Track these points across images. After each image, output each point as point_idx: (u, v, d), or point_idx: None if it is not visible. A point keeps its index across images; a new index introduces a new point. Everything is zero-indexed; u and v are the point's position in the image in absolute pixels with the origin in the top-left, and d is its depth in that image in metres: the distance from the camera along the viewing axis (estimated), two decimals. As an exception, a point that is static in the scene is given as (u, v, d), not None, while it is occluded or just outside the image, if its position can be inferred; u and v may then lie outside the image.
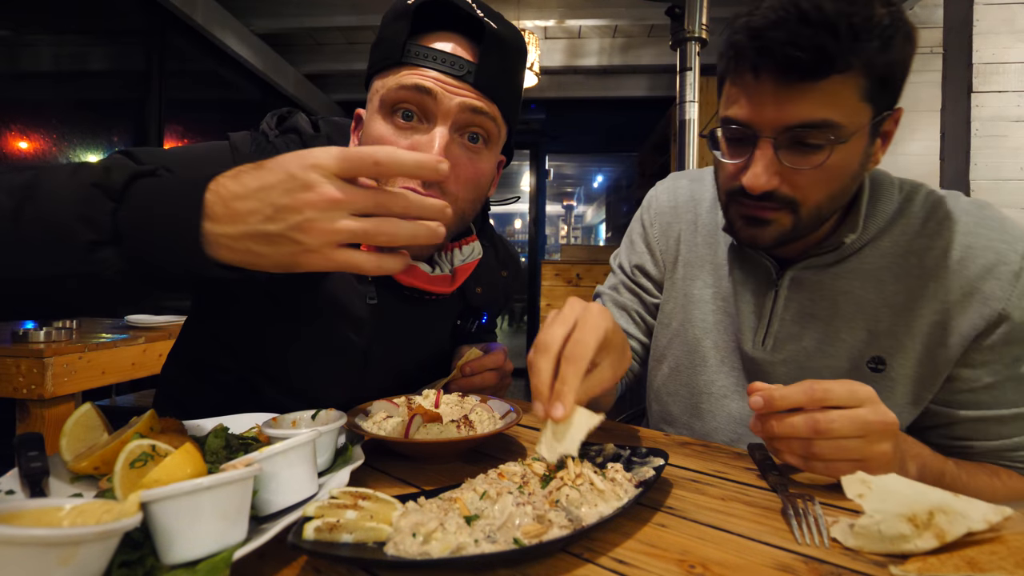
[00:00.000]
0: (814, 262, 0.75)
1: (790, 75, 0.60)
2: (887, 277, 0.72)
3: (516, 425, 0.71)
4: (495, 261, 0.91)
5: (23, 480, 0.47)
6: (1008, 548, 0.38)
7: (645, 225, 0.96)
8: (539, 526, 0.41)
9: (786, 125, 0.62)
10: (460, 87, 0.66)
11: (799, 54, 0.58)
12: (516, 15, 3.70)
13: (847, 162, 0.64)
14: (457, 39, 0.68)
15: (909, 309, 0.70)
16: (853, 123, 0.62)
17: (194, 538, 0.36)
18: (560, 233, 12.64)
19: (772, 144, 0.64)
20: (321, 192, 0.44)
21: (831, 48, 0.58)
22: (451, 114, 0.66)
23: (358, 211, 0.45)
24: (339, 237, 0.44)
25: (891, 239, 0.72)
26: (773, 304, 0.78)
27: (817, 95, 0.60)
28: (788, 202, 0.66)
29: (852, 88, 0.60)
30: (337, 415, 0.58)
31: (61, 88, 2.82)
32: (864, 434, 0.52)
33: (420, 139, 0.66)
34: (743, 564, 0.40)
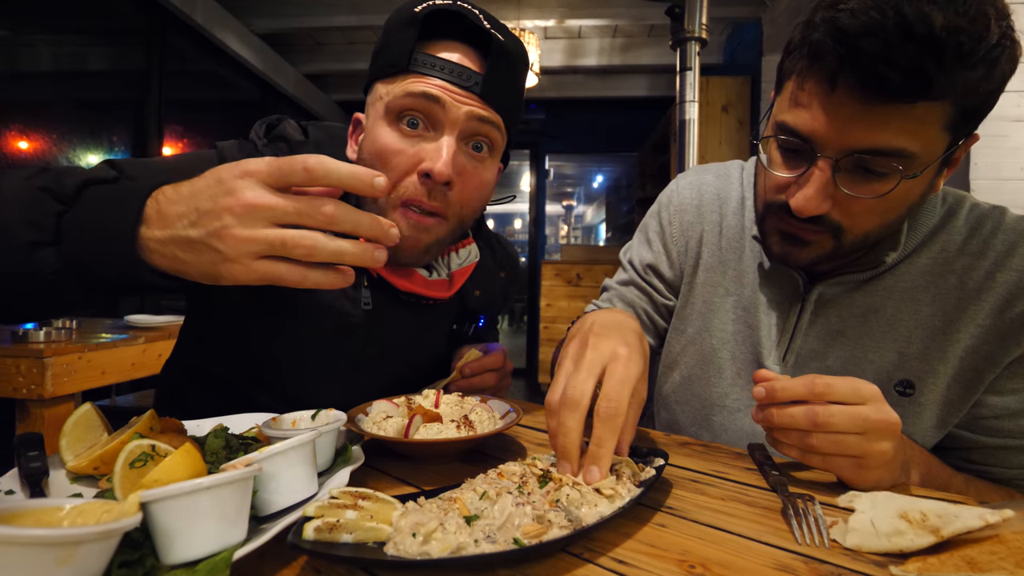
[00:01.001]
0: (847, 279, 0.70)
1: (874, 94, 0.52)
2: (923, 297, 0.67)
3: (516, 425, 0.71)
4: (492, 263, 0.90)
5: (23, 480, 0.47)
6: (1008, 548, 0.38)
7: (663, 223, 0.90)
8: (539, 526, 0.41)
9: (854, 148, 0.55)
10: (467, 97, 0.66)
11: (893, 74, 0.50)
12: (516, 15, 3.70)
13: (911, 194, 0.59)
14: (464, 49, 0.68)
15: (944, 333, 0.66)
16: (928, 153, 0.55)
17: (194, 538, 0.36)
18: (560, 233, 12.64)
19: (832, 166, 0.57)
20: (240, 197, 0.42)
21: (931, 72, 0.49)
22: (458, 123, 0.66)
23: (278, 219, 0.43)
24: (255, 247, 0.42)
25: (930, 256, 0.67)
26: (798, 319, 0.74)
27: (898, 121, 0.53)
28: (834, 227, 0.61)
29: (937, 115, 0.53)
30: (337, 415, 0.58)
31: (61, 88, 2.82)
32: (864, 431, 0.51)
33: (427, 147, 0.66)
34: (743, 564, 0.40)
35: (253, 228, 0.42)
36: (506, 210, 13.50)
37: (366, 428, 0.63)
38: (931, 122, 0.53)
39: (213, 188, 0.43)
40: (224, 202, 0.42)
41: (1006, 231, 0.65)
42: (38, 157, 2.63)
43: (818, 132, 0.57)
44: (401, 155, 0.66)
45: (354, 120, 0.76)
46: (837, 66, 0.53)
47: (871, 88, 0.52)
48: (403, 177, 0.67)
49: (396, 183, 0.67)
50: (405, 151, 0.66)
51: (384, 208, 0.68)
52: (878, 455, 0.52)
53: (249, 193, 0.42)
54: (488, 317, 0.97)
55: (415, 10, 0.66)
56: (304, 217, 0.43)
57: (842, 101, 0.55)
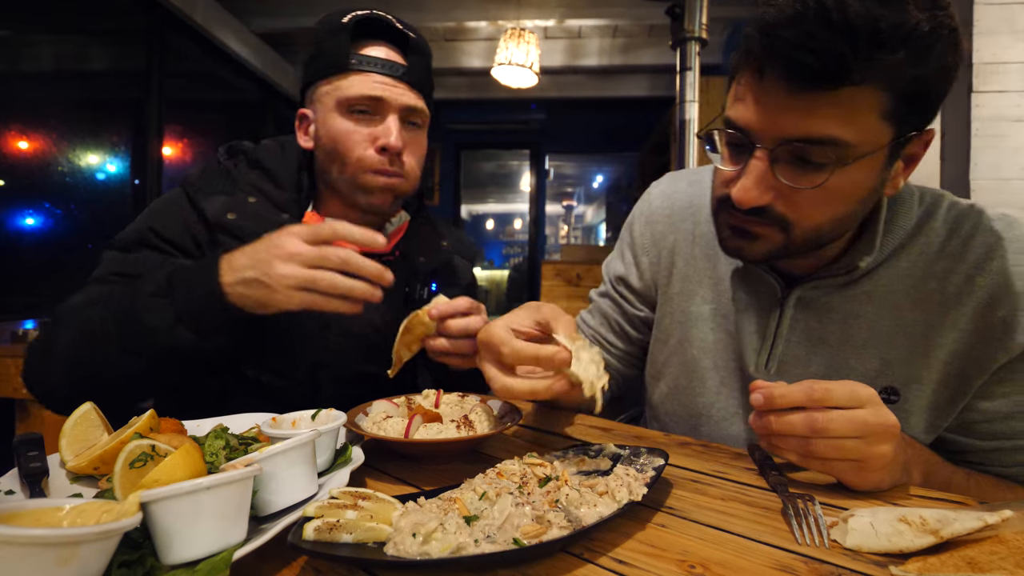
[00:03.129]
0: (824, 283, 0.69)
1: (797, 81, 0.53)
2: (904, 302, 0.66)
3: (516, 425, 0.71)
4: (434, 234, 1.01)
5: (23, 480, 0.47)
6: (1008, 548, 0.38)
7: (635, 235, 0.90)
8: (539, 526, 0.41)
9: (786, 137, 0.56)
10: (399, 85, 0.85)
11: (809, 59, 0.51)
12: (516, 15, 3.70)
13: (855, 186, 0.58)
14: (388, 47, 0.87)
15: (927, 338, 0.65)
16: (866, 143, 0.55)
17: (194, 538, 0.36)
18: (560, 233, 12.63)
19: (768, 156, 0.58)
20: (283, 247, 0.63)
21: (847, 56, 0.50)
22: (396, 109, 0.85)
23: (309, 263, 0.63)
24: (292, 281, 0.62)
25: (909, 259, 0.66)
26: (778, 324, 0.73)
27: (826, 108, 0.54)
28: (780, 220, 0.61)
29: (870, 103, 0.53)
30: (337, 415, 0.58)
31: (61, 88, 2.83)
32: (863, 435, 0.51)
33: (377, 128, 0.84)
34: (743, 564, 0.40)
35: (290, 268, 0.62)
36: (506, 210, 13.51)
37: (366, 428, 0.63)
38: (864, 110, 0.54)
39: (267, 244, 0.64)
40: (273, 251, 0.63)
41: (984, 232, 0.64)
42: (38, 157, 2.63)
43: (752, 122, 0.58)
44: (357, 135, 0.84)
45: (300, 115, 0.90)
46: (763, 56, 0.55)
47: (794, 75, 0.53)
48: (362, 151, 0.84)
49: (358, 157, 0.84)
50: (360, 132, 0.84)
51: (356, 175, 0.85)
52: (878, 458, 0.52)
53: (288, 244, 0.63)
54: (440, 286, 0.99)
55: (343, 20, 0.83)
56: (327, 261, 0.63)
57: (771, 90, 0.56)
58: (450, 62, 4.43)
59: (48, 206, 2.71)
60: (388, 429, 0.62)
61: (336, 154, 0.85)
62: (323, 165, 0.88)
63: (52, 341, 0.72)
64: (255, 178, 0.87)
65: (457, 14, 3.80)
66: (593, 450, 0.60)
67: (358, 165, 0.84)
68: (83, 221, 2.86)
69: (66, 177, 2.78)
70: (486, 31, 4.25)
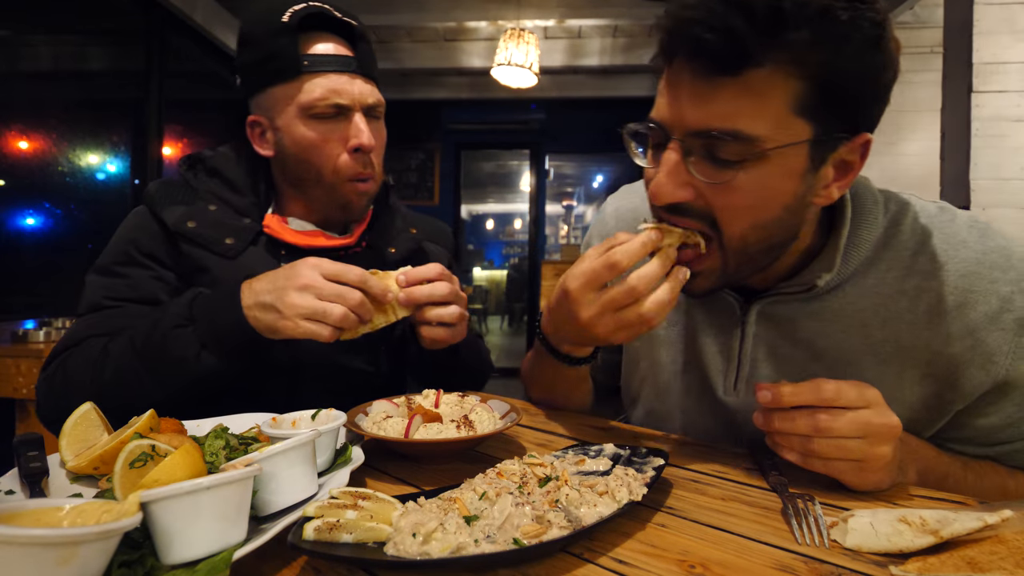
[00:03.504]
0: (785, 297, 0.66)
1: (700, 64, 0.51)
2: (873, 321, 0.62)
3: (516, 425, 0.71)
4: (401, 224, 1.00)
5: (23, 480, 0.47)
6: (1008, 548, 0.38)
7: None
8: (539, 526, 0.41)
9: (693, 128, 0.53)
10: (355, 80, 0.83)
11: (708, 36, 0.48)
12: (516, 15, 3.70)
13: (773, 189, 0.54)
14: (334, 39, 0.84)
15: (899, 359, 0.62)
16: (777, 138, 0.51)
17: (194, 538, 0.36)
18: (560, 233, 12.63)
19: (680, 148, 0.55)
20: (301, 277, 0.65)
21: (744, 32, 0.47)
22: (359, 108, 0.84)
23: (324, 296, 0.65)
24: (303, 310, 0.64)
25: (877, 275, 0.62)
26: (741, 343, 0.69)
27: (730, 95, 0.51)
28: (709, 220, 0.57)
29: (779, 92, 0.50)
30: (337, 415, 0.58)
31: (61, 88, 2.82)
32: (865, 435, 0.51)
33: (347, 129, 0.83)
34: (743, 564, 0.40)
35: (303, 297, 0.64)
36: (506, 210, 13.50)
37: (366, 428, 0.63)
38: (773, 99, 0.50)
39: (288, 272, 0.67)
40: (290, 282, 0.65)
41: (958, 244, 0.60)
42: (38, 157, 2.63)
43: (663, 114, 0.56)
44: (327, 141, 0.83)
45: (250, 123, 0.88)
46: (669, 41, 0.53)
47: (696, 56, 0.51)
48: (336, 157, 0.84)
49: (334, 164, 0.84)
50: (330, 138, 0.83)
51: (335, 185, 0.85)
52: (879, 458, 0.52)
53: (306, 275, 0.65)
54: None
55: (284, 20, 0.79)
56: (341, 299, 0.66)
57: (678, 78, 0.54)
58: (450, 62, 4.43)
59: (48, 206, 2.71)
60: (388, 429, 0.62)
61: (310, 164, 0.84)
62: (294, 172, 0.86)
63: (72, 374, 0.72)
64: (214, 186, 0.87)
65: (457, 14, 3.80)
66: (593, 450, 0.60)
67: (335, 175, 0.84)
68: (83, 221, 2.86)
69: (66, 177, 2.78)
70: (486, 31, 4.25)
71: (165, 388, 0.69)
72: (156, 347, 0.68)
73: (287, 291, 0.64)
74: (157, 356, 0.68)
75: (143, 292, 0.80)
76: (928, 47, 3.49)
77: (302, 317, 0.64)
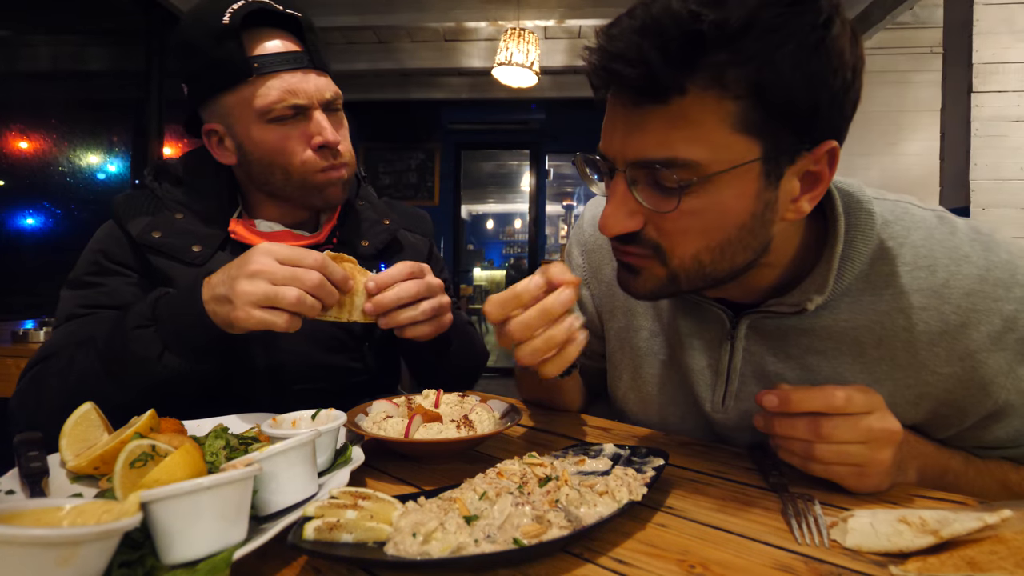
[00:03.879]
0: (774, 313, 0.63)
1: (626, 97, 0.51)
2: (868, 339, 0.60)
3: (516, 425, 0.71)
4: (374, 215, 0.98)
5: (23, 480, 0.47)
6: (1008, 548, 0.38)
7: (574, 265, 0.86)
8: (539, 526, 0.41)
9: (631, 159, 0.52)
10: (309, 75, 0.80)
11: (627, 71, 0.47)
12: (516, 15, 3.70)
13: (724, 210, 0.52)
14: (280, 35, 0.80)
15: (894, 380, 0.60)
16: (721, 160, 0.49)
17: (194, 538, 0.36)
18: (560, 233, 12.63)
19: (625, 179, 0.53)
20: (251, 264, 0.60)
21: (656, 64, 0.46)
22: (317, 105, 0.81)
23: (277, 281, 0.60)
24: (254, 297, 0.59)
25: (873, 292, 0.59)
26: (730, 358, 0.67)
27: (662, 124, 0.49)
28: (654, 248, 0.55)
29: (715, 115, 0.48)
30: (337, 415, 0.58)
31: (61, 88, 2.82)
32: (867, 440, 0.51)
33: (308, 127, 0.81)
34: (743, 564, 0.40)
35: (253, 285, 0.60)
36: (506, 210, 13.50)
37: (366, 428, 0.63)
38: (709, 123, 0.48)
39: (240, 261, 0.62)
40: (241, 270, 0.61)
41: (960, 259, 0.57)
42: (38, 157, 2.63)
43: (606, 146, 0.55)
44: (291, 141, 0.81)
45: (206, 132, 0.84)
46: (594, 76, 0.52)
47: (621, 91, 0.51)
48: (301, 155, 0.81)
49: (301, 162, 0.81)
50: (291, 138, 0.81)
51: (304, 180, 0.83)
52: (879, 463, 0.52)
53: (258, 261, 0.61)
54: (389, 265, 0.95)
55: (223, 22, 0.74)
56: (296, 281, 0.61)
57: (613, 110, 0.54)
58: (450, 62, 4.42)
59: (48, 206, 2.71)
60: (388, 429, 0.62)
61: (275, 165, 0.82)
62: (261, 177, 0.84)
63: (41, 383, 0.71)
64: (179, 195, 0.86)
65: (457, 14, 3.80)
66: (593, 450, 0.60)
67: (303, 169, 0.82)
68: (83, 221, 2.86)
69: (66, 177, 2.78)
70: (486, 31, 4.25)
71: (126, 392, 0.65)
72: (118, 349, 0.65)
73: (238, 280, 0.60)
74: (119, 358, 0.65)
75: (118, 298, 0.79)
76: (928, 47, 3.49)
77: (254, 305, 0.59)
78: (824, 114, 0.49)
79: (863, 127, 3.59)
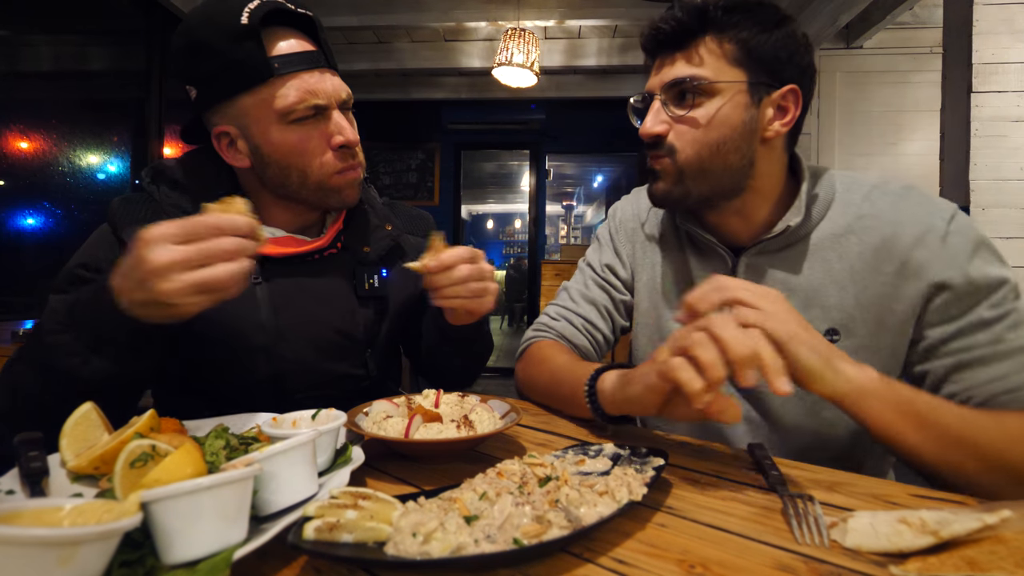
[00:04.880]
0: (765, 247, 0.81)
1: (663, 52, 0.79)
2: (831, 256, 0.78)
3: (516, 425, 0.71)
4: (376, 219, 0.98)
5: (23, 480, 0.47)
6: (1008, 548, 0.38)
7: (612, 233, 1.03)
8: (539, 526, 0.41)
9: (666, 83, 0.77)
10: (325, 75, 0.81)
11: (664, 27, 0.77)
12: (516, 15, 3.70)
13: (723, 116, 0.75)
14: (295, 35, 0.80)
15: (853, 283, 0.76)
16: (720, 78, 0.75)
17: (194, 538, 0.36)
18: (560, 233, 12.64)
19: (660, 99, 0.79)
20: (149, 264, 0.53)
21: (682, 20, 0.76)
22: (335, 103, 0.82)
23: (193, 265, 0.53)
24: (186, 292, 0.53)
25: (831, 221, 0.79)
26: None
27: (685, 58, 0.76)
28: (669, 150, 0.78)
29: (716, 51, 0.75)
30: (337, 415, 0.58)
31: (61, 88, 2.83)
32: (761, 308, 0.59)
33: (327, 127, 0.81)
34: (743, 564, 0.41)
35: (174, 281, 0.53)
36: (506, 210, 13.49)
37: (366, 428, 0.63)
38: (713, 55, 0.75)
39: (132, 263, 0.55)
40: (142, 272, 0.53)
41: (891, 195, 0.77)
42: (38, 157, 2.63)
43: (649, 85, 0.81)
44: (311, 143, 0.80)
45: (216, 134, 0.82)
46: (643, 40, 0.81)
47: (661, 46, 0.79)
48: (321, 156, 0.81)
49: (320, 164, 0.82)
50: (312, 139, 0.80)
51: (322, 182, 0.83)
52: (782, 315, 0.58)
53: (155, 257, 0.53)
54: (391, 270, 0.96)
55: (242, 22, 0.74)
56: (213, 257, 0.54)
57: (655, 65, 0.81)
58: (450, 62, 4.42)
59: (48, 206, 2.71)
60: (388, 429, 0.62)
61: (293, 167, 0.81)
62: (276, 180, 0.82)
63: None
64: (177, 198, 0.83)
65: (457, 14, 3.80)
66: (593, 450, 0.60)
67: (320, 171, 0.81)
68: (83, 221, 2.86)
69: (66, 177, 2.78)
70: (486, 31, 4.25)
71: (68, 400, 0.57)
72: (41, 360, 0.63)
73: (151, 282, 0.53)
74: (44, 369, 0.63)
75: None
76: (928, 47, 3.49)
77: (192, 295, 0.54)
78: (784, 65, 0.75)
79: (863, 127, 3.59)
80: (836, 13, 3.00)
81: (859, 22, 3.38)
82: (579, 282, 1.04)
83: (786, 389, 0.53)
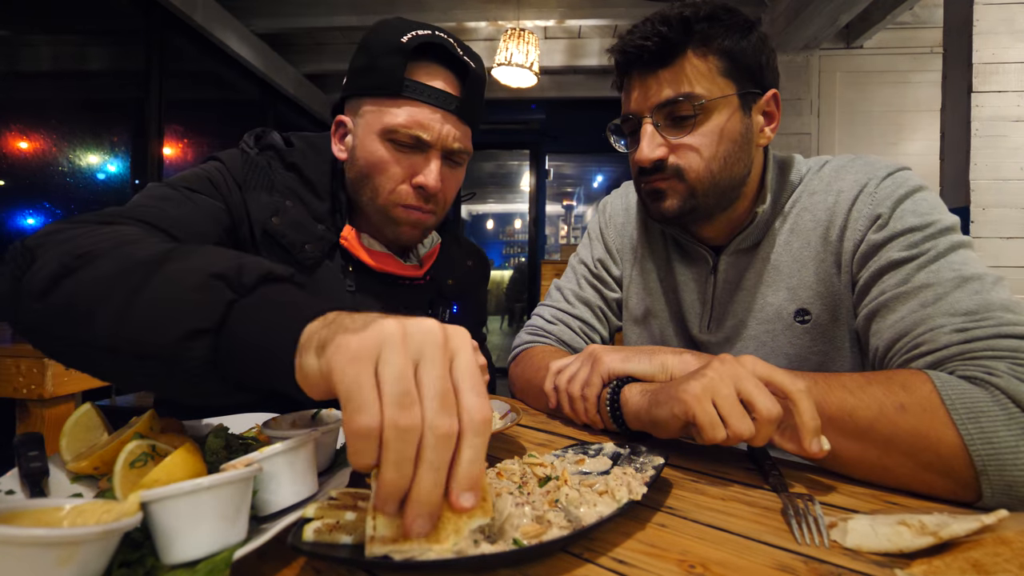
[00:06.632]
0: (740, 243, 0.83)
1: (648, 65, 0.76)
2: (793, 239, 0.81)
3: (516, 425, 0.71)
4: (460, 253, 1.01)
5: (23, 480, 0.47)
6: (1012, 550, 0.38)
7: (601, 227, 1.04)
8: (539, 526, 0.41)
9: (657, 104, 0.75)
10: (448, 120, 0.81)
11: (648, 43, 0.74)
12: (516, 15, 3.70)
13: (722, 128, 0.75)
14: (444, 75, 0.81)
15: (812, 259, 0.79)
16: (713, 93, 0.74)
17: (194, 538, 0.36)
18: (560, 233, 12.63)
19: (652, 121, 0.77)
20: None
21: (665, 35, 0.73)
22: (440, 149, 0.82)
23: None
24: None
25: (794, 207, 0.82)
26: (713, 289, 0.87)
27: (672, 77, 0.75)
28: (676, 171, 0.77)
29: (704, 65, 0.74)
30: (337, 415, 0.58)
31: (61, 88, 2.82)
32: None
33: (418, 162, 0.82)
34: (743, 564, 0.40)
35: None
36: (506, 210, 13.50)
37: (366, 428, 0.63)
38: (703, 71, 0.74)
39: (358, 325, 0.37)
40: (363, 343, 0.35)
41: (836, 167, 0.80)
42: (38, 157, 2.63)
43: (633, 105, 0.79)
44: (395, 167, 0.81)
45: (337, 121, 0.87)
46: (623, 57, 0.79)
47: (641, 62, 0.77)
48: (397, 184, 0.82)
49: (392, 189, 0.82)
50: (399, 166, 0.81)
51: (386, 208, 0.83)
52: None
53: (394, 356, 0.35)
54: (460, 307, 1.01)
55: (402, 40, 0.78)
56: None
57: (635, 83, 0.79)
58: (450, 62, 4.42)
59: (48, 206, 2.71)
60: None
61: (369, 180, 0.82)
62: (355, 184, 0.85)
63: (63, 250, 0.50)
64: (291, 181, 0.83)
65: (457, 14, 3.80)
66: (593, 450, 0.60)
67: (390, 198, 0.82)
68: (83, 221, 2.86)
69: (66, 177, 2.78)
70: (486, 31, 4.25)
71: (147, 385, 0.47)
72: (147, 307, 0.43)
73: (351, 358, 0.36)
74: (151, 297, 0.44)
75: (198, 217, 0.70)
76: (928, 47, 3.49)
77: None
78: (765, 70, 0.77)
79: (863, 127, 3.59)
80: (836, 13, 3.01)
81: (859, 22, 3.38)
82: (572, 281, 1.03)
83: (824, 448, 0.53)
